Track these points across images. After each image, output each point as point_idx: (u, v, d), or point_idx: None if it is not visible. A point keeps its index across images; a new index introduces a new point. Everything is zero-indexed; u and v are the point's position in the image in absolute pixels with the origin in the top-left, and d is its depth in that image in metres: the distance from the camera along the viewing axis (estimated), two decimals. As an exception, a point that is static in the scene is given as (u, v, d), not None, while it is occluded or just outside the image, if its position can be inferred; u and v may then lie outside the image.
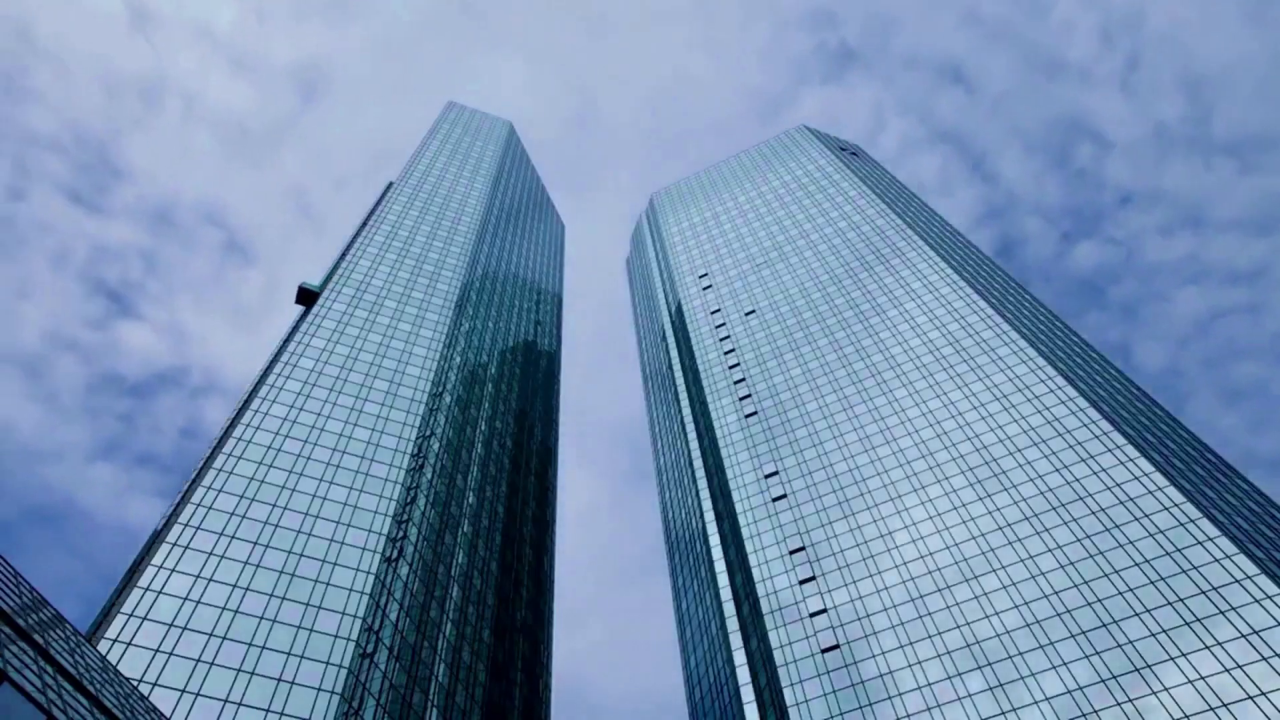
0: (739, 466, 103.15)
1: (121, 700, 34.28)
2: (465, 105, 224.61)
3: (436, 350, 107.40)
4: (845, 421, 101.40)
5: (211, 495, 73.05)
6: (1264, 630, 61.69)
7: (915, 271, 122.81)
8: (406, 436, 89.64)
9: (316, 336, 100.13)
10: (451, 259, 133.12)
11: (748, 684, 79.35)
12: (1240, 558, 67.08)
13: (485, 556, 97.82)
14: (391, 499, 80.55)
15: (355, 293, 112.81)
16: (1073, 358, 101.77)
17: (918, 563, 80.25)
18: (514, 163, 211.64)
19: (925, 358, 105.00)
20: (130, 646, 58.05)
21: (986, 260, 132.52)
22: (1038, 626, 69.86)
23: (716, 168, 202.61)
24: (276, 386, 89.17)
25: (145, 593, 62.34)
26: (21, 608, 30.39)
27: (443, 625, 79.83)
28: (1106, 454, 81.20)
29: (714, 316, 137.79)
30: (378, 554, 73.89)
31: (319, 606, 67.01)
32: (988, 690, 67.25)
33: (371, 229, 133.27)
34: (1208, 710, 58.79)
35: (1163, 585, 67.96)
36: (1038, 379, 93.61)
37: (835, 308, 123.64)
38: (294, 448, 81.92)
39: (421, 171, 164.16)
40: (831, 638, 77.28)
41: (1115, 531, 73.85)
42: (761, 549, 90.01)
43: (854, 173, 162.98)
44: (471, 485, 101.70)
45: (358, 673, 63.61)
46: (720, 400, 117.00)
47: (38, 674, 26.04)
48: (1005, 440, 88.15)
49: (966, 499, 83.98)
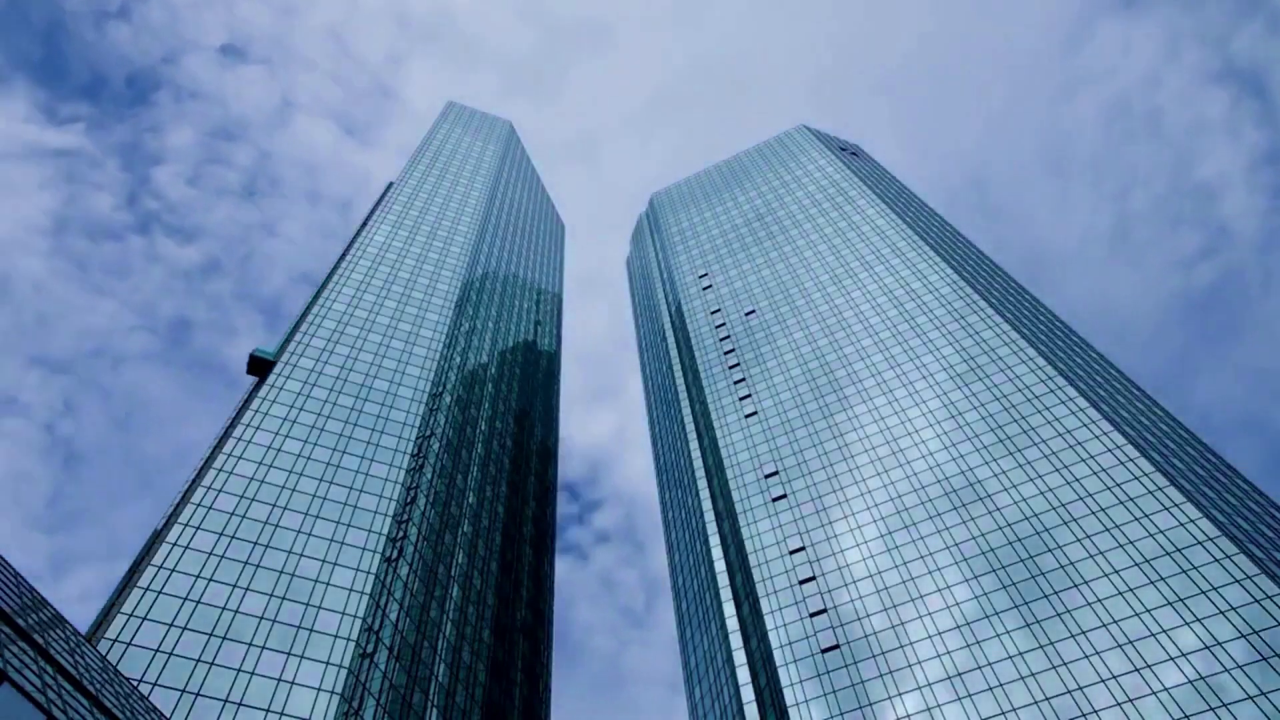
0: (739, 466, 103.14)
1: (121, 700, 34.28)
2: (465, 105, 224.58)
3: (436, 350, 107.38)
4: (845, 421, 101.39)
5: (211, 495, 73.05)
6: (1264, 630, 61.71)
7: (915, 271, 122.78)
8: (406, 436, 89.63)
9: (317, 336, 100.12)
10: (451, 259, 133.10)
11: (748, 684, 79.36)
12: (1240, 558, 67.10)
13: (485, 556, 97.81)
14: (391, 499, 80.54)
15: (355, 293, 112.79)
16: (1073, 357, 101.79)
17: (918, 563, 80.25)
18: (514, 163, 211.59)
19: (925, 358, 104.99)
20: (130, 646, 58.05)
21: (987, 260, 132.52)
22: (1037, 626, 69.87)
23: (716, 168, 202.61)
24: (277, 386, 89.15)
25: (145, 593, 62.35)
26: (21, 608, 30.39)
27: (443, 625, 79.83)
28: (1106, 454, 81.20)
29: (714, 316, 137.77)
30: (378, 554, 73.89)
31: (319, 606, 67.01)
32: (988, 690, 67.26)
33: (372, 229, 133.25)
34: (1207, 710, 58.79)
35: (1163, 585, 67.97)
36: (1038, 379, 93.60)
37: (835, 307, 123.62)
38: (294, 448, 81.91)
39: (421, 171, 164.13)
40: (831, 638, 77.28)
41: (1115, 532, 73.86)
42: (761, 549, 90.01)
43: (854, 173, 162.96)
44: (471, 485, 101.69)
45: (358, 673, 63.61)
46: (720, 400, 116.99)
47: (38, 674, 26.05)
48: (1005, 440, 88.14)
49: (966, 499, 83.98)
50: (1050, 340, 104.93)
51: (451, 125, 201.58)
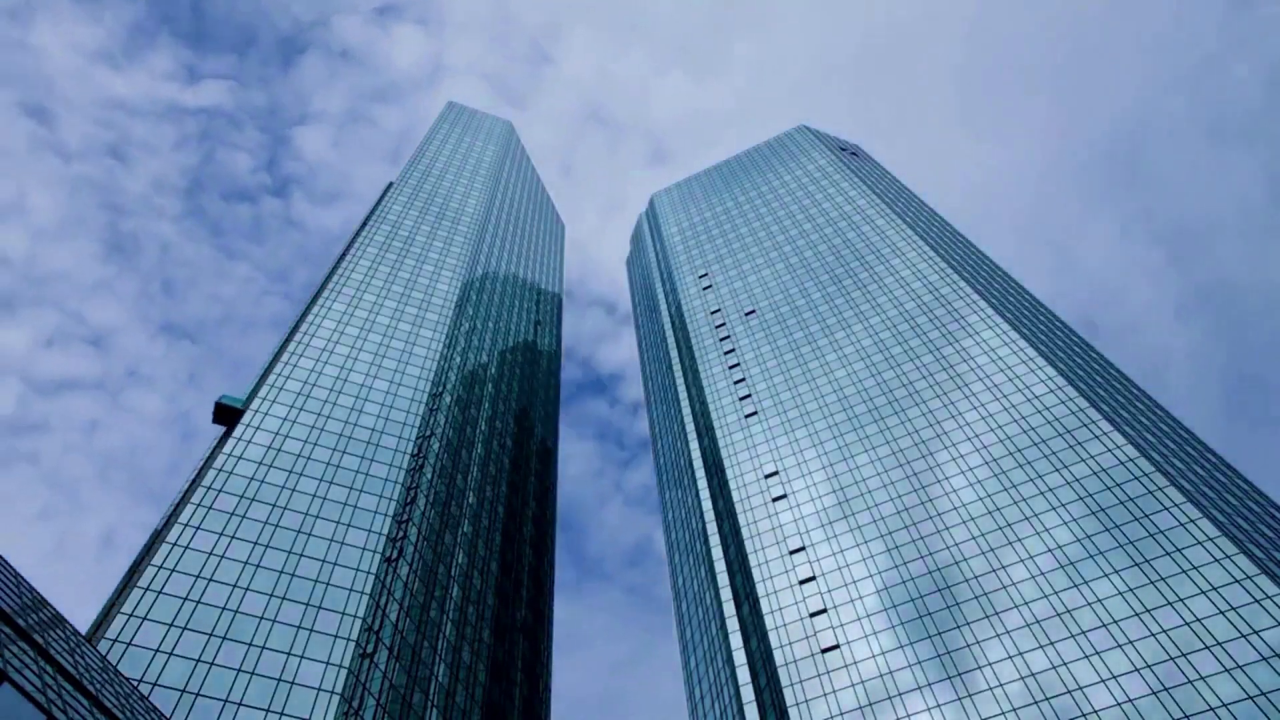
0: (739, 466, 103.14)
1: (121, 700, 34.29)
2: (465, 105, 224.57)
3: (436, 350, 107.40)
4: (845, 421, 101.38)
5: (211, 495, 73.06)
6: (1264, 630, 61.71)
7: (915, 271, 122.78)
8: (406, 436, 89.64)
9: (317, 337, 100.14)
10: (451, 259, 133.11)
11: (748, 684, 79.36)
12: (1240, 558, 67.09)
13: (485, 556, 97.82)
14: (391, 499, 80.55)
15: (355, 293, 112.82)
16: (1072, 356, 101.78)
17: (918, 563, 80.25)
18: (514, 162, 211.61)
19: (925, 357, 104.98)
20: (130, 646, 58.06)
21: (986, 259, 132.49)
22: (1037, 626, 69.87)
23: (716, 168, 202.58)
24: (277, 386, 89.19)
25: (145, 593, 62.35)
26: (21, 608, 30.39)
27: (443, 625, 79.84)
28: (1106, 454, 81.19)
29: (714, 316, 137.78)
30: (378, 554, 73.90)
31: (319, 606, 67.02)
32: (988, 690, 67.28)
33: (371, 229, 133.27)
34: (1207, 710, 58.79)
35: (1162, 585, 67.96)
36: (1037, 379, 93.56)
37: (835, 308, 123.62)
38: (294, 448, 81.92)
39: (421, 171, 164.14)
40: (831, 638, 77.28)
41: (1115, 532, 73.85)
42: (761, 549, 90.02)
43: (854, 172, 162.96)
44: (471, 485, 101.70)
45: (358, 673, 63.62)
46: (720, 400, 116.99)
47: (38, 674, 26.05)
48: (1005, 440, 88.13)
49: (966, 499, 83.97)
50: (1051, 341, 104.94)
51: (451, 126, 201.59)
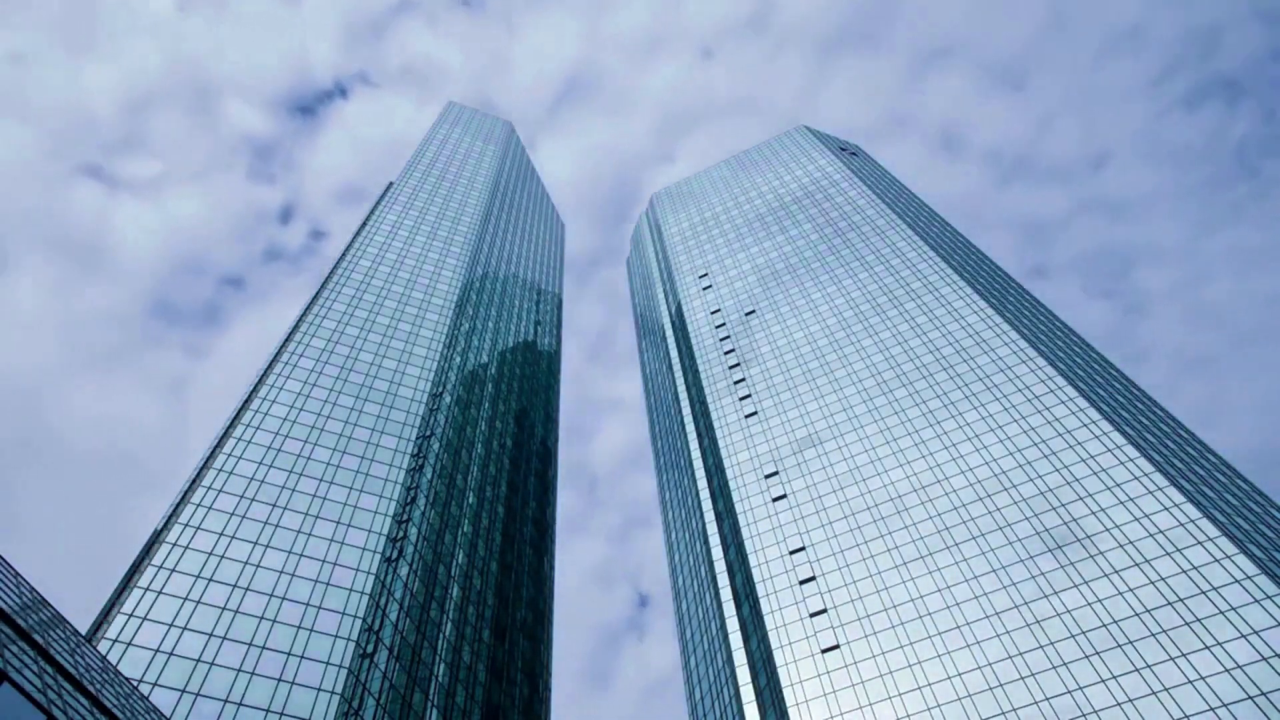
0: (739, 466, 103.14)
1: (121, 700, 34.28)
2: (465, 105, 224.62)
3: (436, 350, 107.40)
4: (845, 421, 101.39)
5: (211, 495, 73.06)
6: (1264, 630, 61.71)
7: (915, 271, 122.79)
8: (406, 436, 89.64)
9: (317, 337, 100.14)
10: (451, 259, 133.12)
11: (748, 684, 79.35)
12: (1240, 558, 67.10)
13: (485, 556, 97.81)
14: (391, 499, 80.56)
15: (355, 293, 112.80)
16: (1072, 356, 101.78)
17: (918, 563, 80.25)
18: (514, 162, 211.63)
19: (925, 358, 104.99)
20: (130, 646, 58.05)
21: (986, 259, 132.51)
22: (1037, 626, 69.86)
23: (716, 167, 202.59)
24: (277, 386, 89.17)
25: (145, 593, 62.35)
26: (21, 608, 30.39)
27: (443, 625, 79.83)
28: (1106, 454, 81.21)
29: (714, 316, 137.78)
30: (378, 554, 73.90)
31: (319, 606, 67.01)
32: (988, 690, 67.26)
33: (371, 229, 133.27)
34: (1207, 710, 58.79)
35: (1163, 585, 67.97)
36: (1037, 379, 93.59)
37: (835, 307, 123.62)
38: (294, 448, 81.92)
39: (421, 172, 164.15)
40: (831, 638, 77.28)
41: (1115, 531, 73.86)
42: (761, 549, 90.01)
43: (853, 172, 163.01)
44: (471, 485, 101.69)
45: (358, 673, 63.62)
46: (720, 400, 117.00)
47: (38, 674, 26.04)
48: (1005, 441, 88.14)
49: (966, 499, 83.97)
50: (1050, 339, 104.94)
51: (451, 126, 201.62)
